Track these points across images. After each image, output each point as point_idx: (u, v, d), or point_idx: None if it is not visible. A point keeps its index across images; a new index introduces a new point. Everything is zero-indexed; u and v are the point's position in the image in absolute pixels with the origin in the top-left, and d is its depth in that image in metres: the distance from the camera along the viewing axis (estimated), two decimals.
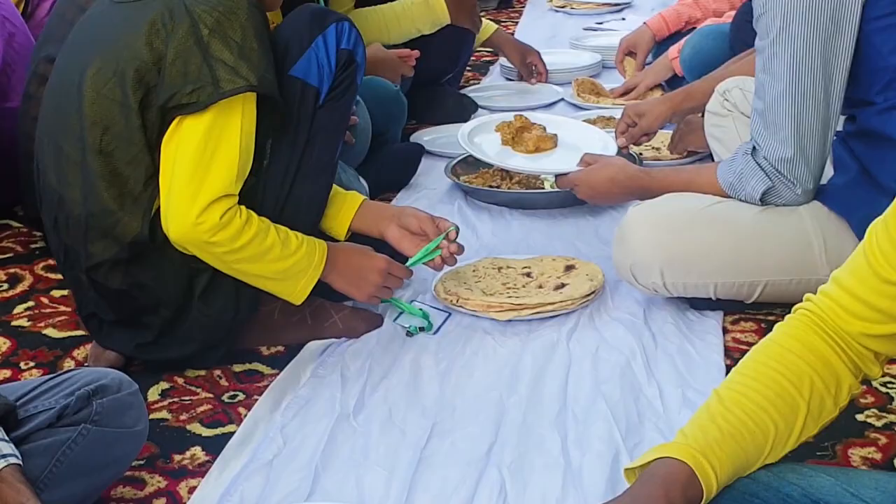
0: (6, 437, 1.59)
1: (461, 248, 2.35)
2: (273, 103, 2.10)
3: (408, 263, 2.33)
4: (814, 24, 2.13)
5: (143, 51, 2.02)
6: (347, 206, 2.37)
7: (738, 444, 1.34)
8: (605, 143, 2.83)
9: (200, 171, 2.01)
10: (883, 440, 1.89)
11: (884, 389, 2.04)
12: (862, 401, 1.99)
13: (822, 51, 2.15)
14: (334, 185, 2.34)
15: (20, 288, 2.63)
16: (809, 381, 1.38)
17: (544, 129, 2.82)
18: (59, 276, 2.60)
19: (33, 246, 2.85)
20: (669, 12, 3.90)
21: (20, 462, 1.56)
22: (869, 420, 1.95)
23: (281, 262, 2.12)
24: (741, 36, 3.30)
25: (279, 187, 2.18)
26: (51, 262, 2.70)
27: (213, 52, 1.99)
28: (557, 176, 2.69)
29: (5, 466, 1.54)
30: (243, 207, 2.07)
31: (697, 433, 1.34)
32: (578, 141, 2.82)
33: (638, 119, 2.99)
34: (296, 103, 2.18)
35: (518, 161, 2.76)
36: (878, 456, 1.85)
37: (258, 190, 2.15)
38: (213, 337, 2.19)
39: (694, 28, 3.78)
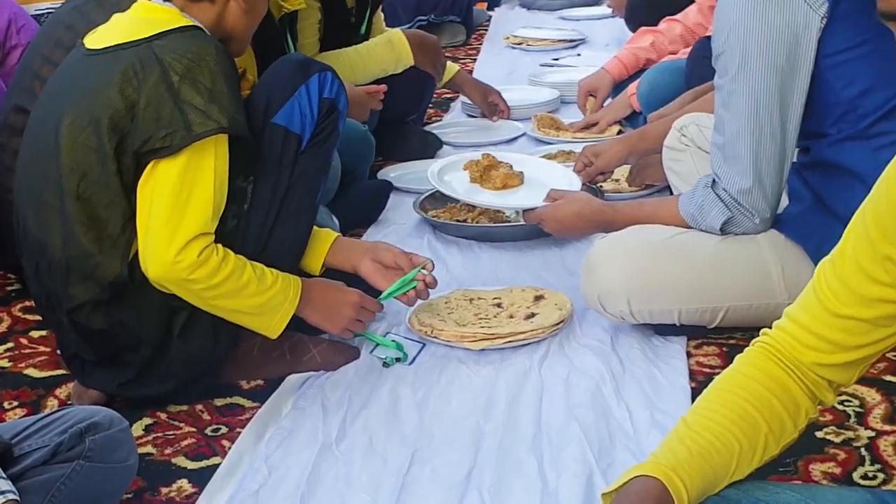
0: (3, 475, 1.63)
1: (435, 281, 2.43)
2: (247, 144, 2.18)
3: (380, 297, 2.40)
4: (771, 63, 2.24)
5: (116, 99, 2.09)
6: (321, 242, 2.44)
7: (707, 463, 1.41)
8: (569, 180, 2.92)
9: (177, 212, 2.08)
10: (842, 455, 1.98)
11: (841, 407, 2.13)
12: (821, 419, 2.08)
13: (778, 88, 2.25)
14: None
15: None
16: (770, 405, 1.45)
17: (511, 166, 2.92)
18: (37, 318, 2.66)
19: (10, 289, 2.90)
20: (626, 55, 4.00)
21: (18, 498, 1.61)
22: (828, 437, 2.04)
23: (257, 298, 2.19)
24: (697, 71, 3.43)
25: (260, 229, 2.25)
26: (27, 303, 2.75)
27: (183, 97, 2.07)
28: (525, 211, 2.78)
29: (4, 502, 1.59)
30: (220, 245, 2.14)
31: (668, 453, 1.41)
32: (544, 178, 2.91)
33: (594, 158, 3.09)
34: (278, 150, 2.25)
35: (487, 197, 2.85)
36: (837, 471, 1.94)
37: (239, 232, 2.22)
38: (192, 373, 2.25)
39: None
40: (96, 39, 2.20)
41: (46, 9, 4.07)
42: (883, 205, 1.35)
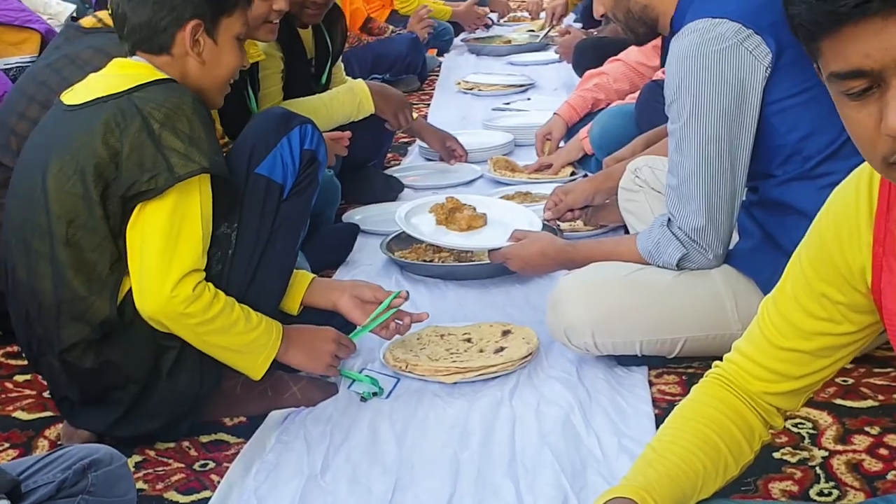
0: None
1: (410, 316, 2.55)
2: (230, 192, 2.29)
3: (352, 334, 2.52)
4: (720, 110, 2.39)
5: (100, 148, 2.19)
6: (298, 283, 2.55)
7: (675, 483, 1.52)
8: (530, 220, 3.07)
9: (170, 250, 2.18)
10: (798, 474, 2.11)
11: (795, 430, 2.26)
12: (777, 440, 2.22)
13: (728, 132, 2.41)
14: None
15: None
16: (728, 429, 1.57)
17: (474, 208, 3.05)
18: (21, 363, 2.73)
19: None
20: (575, 99, 4.17)
21: None
22: (785, 457, 2.17)
23: (245, 336, 2.29)
24: (645, 115, 3.60)
25: (243, 275, 2.35)
26: (10, 349, 2.83)
27: (164, 142, 2.18)
28: (491, 251, 2.91)
29: None
30: (210, 283, 2.24)
31: (639, 476, 1.53)
32: (506, 218, 3.06)
33: (564, 196, 3.23)
34: (261, 198, 2.37)
35: (453, 239, 2.99)
36: (794, 488, 2.07)
37: (223, 277, 2.31)
38: (179, 410, 2.34)
39: (601, 109, 4.06)
40: (75, 96, 2.30)
41: (16, 63, 4.15)
42: (816, 248, 1.48)
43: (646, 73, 4.09)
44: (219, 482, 2.18)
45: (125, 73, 2.30)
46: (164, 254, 2.18)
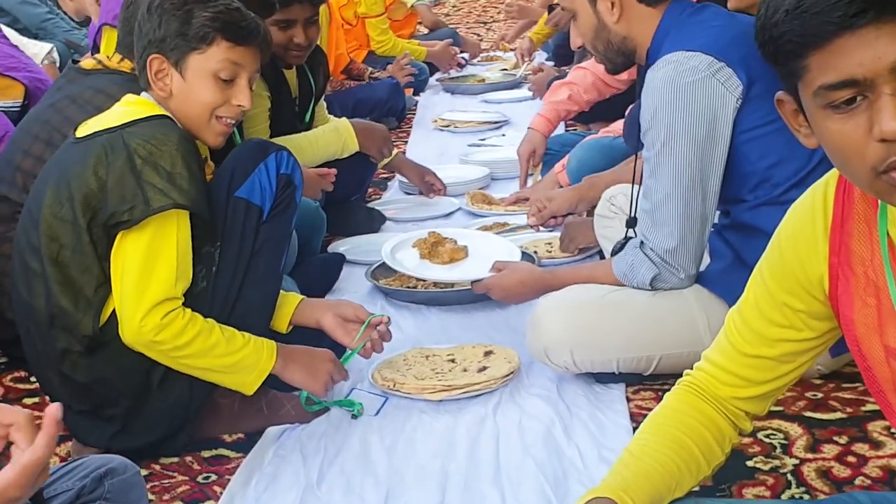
0: None
1: (390, 333, 2.68)
2: (213, 214, 2.43)
3: (342, 359, 2.65)
4: (693, 139, 2.54)
5: (91, 180, 2.33)
6: (288, 304, 2.68)
7: (651, 484, 1.63)
8: (510, 251, 3.21)
9: (143, 281, 2.32)
10: (770, 481, 2.24)
11: (768, 440, 2.40)
12: (750, 450, 2.35)
13: (700, 160, 2.55)
14: None
15: None
16: (700, 433, 1.69)
17: (455, 241, 3.20)
18: (28, 387, 2.85)
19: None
20: (548, 111, 4.25)
21: None
22: (757, 465, 2.30)
23: (228, 357, 2.42)
24: (631, 138, 3.74)
25: (227, 291, 2.48)
26: (17, 374, 2.94)
27: (145, 178, 2.31)
28: (474, 282, 3.05)
29: None
30: (188, 309, 2.37)
31: (617, 478, 1.65)
32: (486, 250, 3.20)
33: (548, 203, 3.35)
34: (241, 219, 2.50)
35: (437, 272, 3.14)
36: (767, 494, 2.19)
37: (208, 293, 2.45)
38: (173, 423, 2.46)
39: (573, 123, 4.17)
40: (83, 129, 2.44)
41: (0, 106, 4.25)
42: (776, 260, 1.61)
43: (610, 83, 4.23)
44: (221, 493, 2.30)
45: (127, 108, 2.45)
46: (139, 285, 2.32)
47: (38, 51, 5.49)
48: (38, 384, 2.67)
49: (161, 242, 2.34)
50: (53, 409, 1.46)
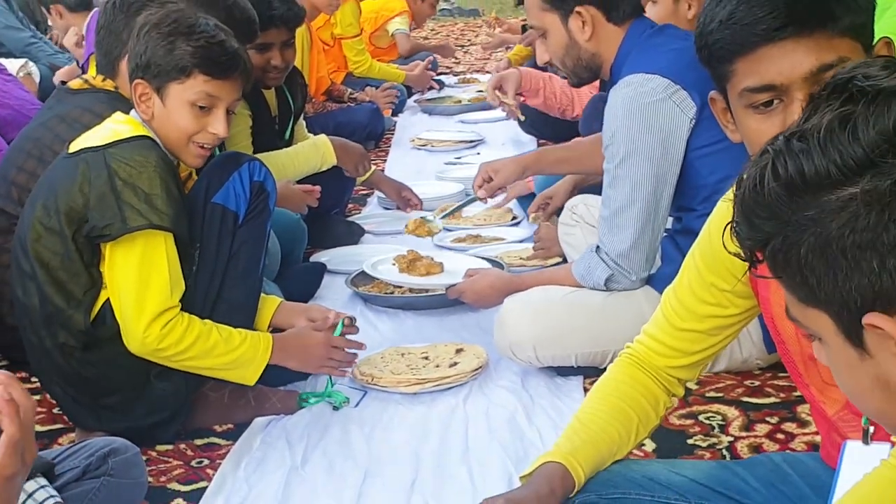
0: (50, 486, 2.07)
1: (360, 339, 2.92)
2: (192, 218, 2.66)
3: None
4: (649, 155, 2.79)
5: (76, 195, 2.57)
6: (268, 307, 2.91)
7: (595, 448, 1.86)
8: (480, 266, 3.48)
9: (141, 295, 2.55)
10: (707, 455, 2.49)
11: (707, 422, 2.65)
12: (691, 430, 2.60)
13: (654, 174, 2.80)
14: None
15: None
16: (637, 401, 1.92)
17: (432, 259, 3.46)
18: (29, 386, 3.06)
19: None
20: (530, 71, 4.53)
21: (61, 501, 2.05)
22: (697, 443, 2.55)
23: (227, 356, 2.65)
24: (587, 125, 3.99)
25: (207, 289, 2.71)
26: (19, 374, 3.15)
27: (124, 198, 2.53)
28: (448, 287, 3.30)
29: (54, 502, 2.02)
30: (185, 314, 2.60)
31: (566, 443, 1.87)
32: (459, 267, 3.45)
33: (494, 174, 3.46)
34: (217, 223, 2.74)
35: (417, 280, 3.43)
36: None
37: (188, 290, 2.66)
38: (170, 408, 2.69)
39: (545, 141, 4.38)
40: (75, 144, 2.67)
41: None
42: (706, 245, 1.85)
43: (574, 102, 4.50)
44: (213, 475, 2.53)
45: (114, 125, 2.67)
46: (137, 299, 2.55)
47: (14, 67, 5.71)
48: (38, 383, 2.90)
49: (152, 256, 2.56)
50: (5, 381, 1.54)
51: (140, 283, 2.55)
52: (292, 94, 4.25)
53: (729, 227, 1.13)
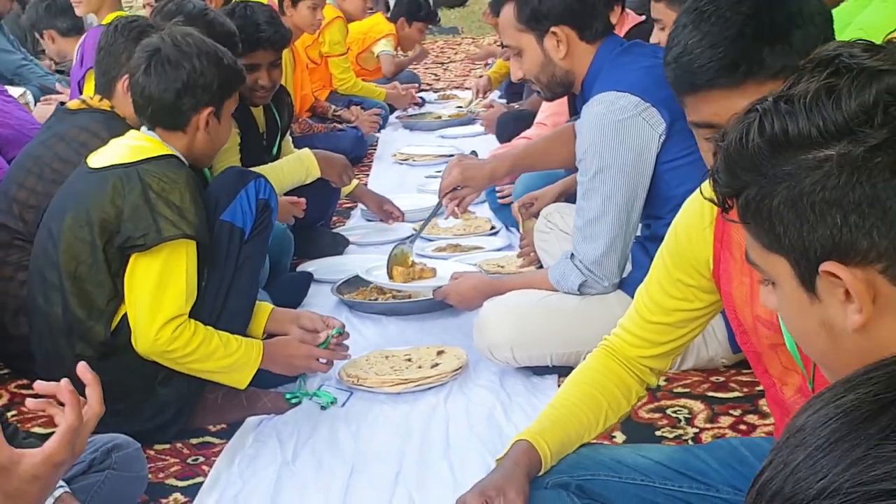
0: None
1: (346, 342, 3.07)
2: (206, 245, 2.82)
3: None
4: (621, 169, 2.95)
5: (108, 207, 2.73)
6: (262, 314, 3.07)
7: (563, 430, 2.01)
8: (466, 268, 3.66)
9: (156, 302, 2.71)
10: (674, 445, 2.64)
11: (675, 415, 2.81)
12: (659, 423, 2.76)
13: (625, 187, 2.97)
14: None
15: (0, 402, 3.22)
16: (609, 389, 2.07)
17: (425, 265, 3.62)
18: (32, 392, 3.19)
19: (2, 372, 3.43)
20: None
21: (70, 492, 2.19)
22: (664, 434, 2.71)
23: (225, 360, 2.81)
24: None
25: (214, 301, 2.87)
26: (20, 382, 3.31)
27: (157, 209, 2.70)
28: (435, 290, 3.46)
29: (64, 492, 2.16)
30: (192, 321, 2.75)
31: (536, 425, 2.02)
32: (450, 272, 3.62)
33: (462, 184, 3.47)
34: (226, 240, 2.90)
35: (411, 285, 3.61)
36: None
37: (197, 303, 2.83)
38: (173, 411, 2.84)
39: None
40: (98, 160, 2.83)
41: None
42: (673, 245, 2.01)
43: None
44: (209, 471, 2.68)
45: (139, 144, 2.84)
46: (153, 305, 2.71)
47: (14, 94, 5.85)
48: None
49: (173, 266, 2.72)
50: (66, 384, 1.74)
51: (158, 289, 2.71)
52: (279, 111, 4.41)
53: (709, 175, 1.27)
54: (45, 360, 2.88)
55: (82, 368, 1.77)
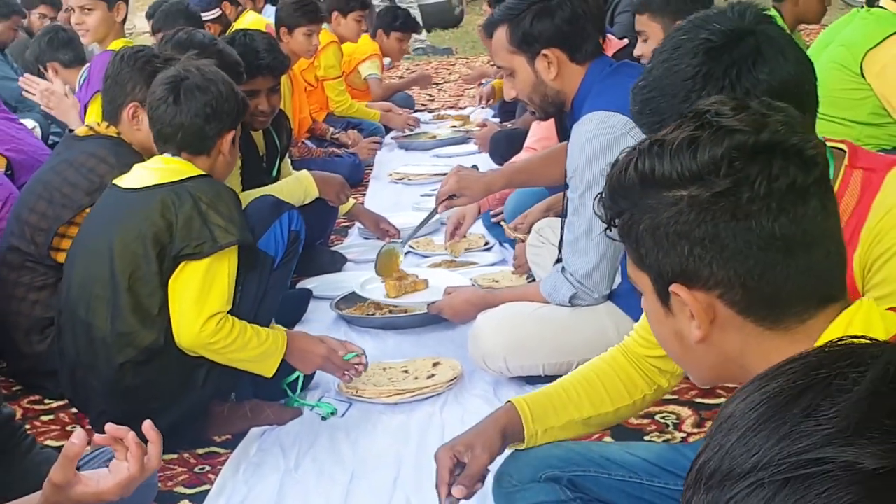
0: None
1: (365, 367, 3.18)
2: (247, 252, 2.97)
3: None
4: None
5: (158, 220, 2.87)
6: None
7: (549, 400, 2.12)
8: (460, 282, 3.77)
9: (202, 299, 2.85)
10: (662, 444, 2.76)
11: (663, 420, 2.93)
12: (648, 428, 2.88)
13: None
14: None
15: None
16: (610, 376, 2.16)
17: (417, 276, 3.74)
18: (43, 407, 3.33)
19: (15, 389, 3.54)
20: None
21: None
22: (653, 439, 2.83)
23: (258, 349, 2.95)
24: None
25: (246, 317, 2.99)
26: (32, 398, 3.42)
27: (210, 219, 2.86)
28: (429, 304, 3.57)
29: None
30: (230, 316, 2.90)
31: (527, 395, 2.15)
32: (442, 282, 3.75)
33: (459, 192, 3.61)
34: (259, 267, 3.04)
35: (405, 299, 3.73)
36: None
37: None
38: (193, 415, 2.97)
39: None
40: (130, 182, 2.99)
41: None
42: None
43: None
44: (215, 479, 2.79)
45: (172, 167, 2.98)
46: (198, 301, 2.85)
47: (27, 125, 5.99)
48: (50, 404, 3.14)
49: (217, 268, 2.87)
50: (133, 435, 1.88)
51: (204, 286, 2.86)
52: (278, 134, 4.54)
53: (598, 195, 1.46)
54: (71, 371, 3.01)
55: (147, 426, 1.92)
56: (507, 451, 2.63)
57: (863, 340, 0.81)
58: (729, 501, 0.75)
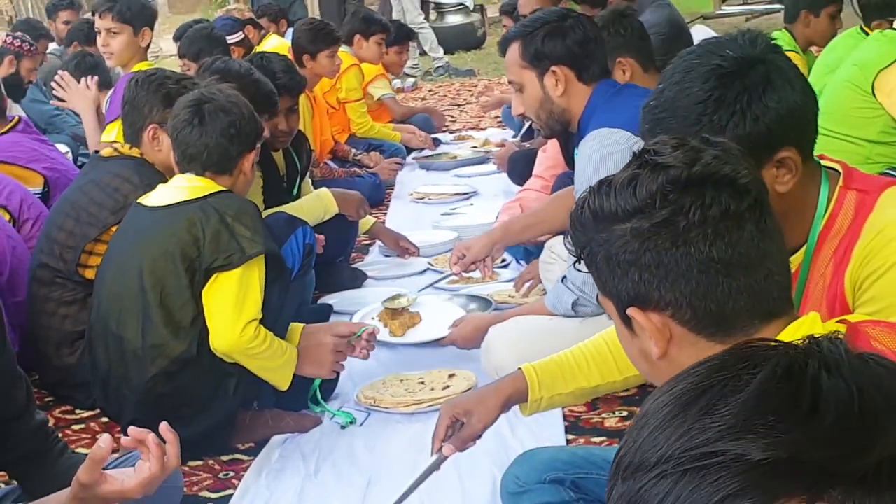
0: None
1: (374, 341, 3.33)
2: (273, 262, 3.11)
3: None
4: None
5: (185, 236, 3.02)
6: (294, 333, 3.31)
7: (557, 366, 2.28)
8: (453, 311, 3.91)
9: (238, 306, 3.00)
10: None
11: None
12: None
13: None
14: None
15: None
16: (619, 347, 2.26)
17: (408, 309, 3.87)
18: (73, 417, 3.47)
19: (47, 399, 3.69)
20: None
21: None
22: None
23: (280, 359, 3.10)
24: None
25: (268, 328, 3.12)
26: (64, 407, 3.57)
27: (237, 232, 3.01)
28: (440, 340, 3.70)
29: None
30: (260, 325, 3.04)
31: (536, 363, 2.31)
32: (437, 312, 3.88)
33: (467, 251, 3.83)
34: (280, 278, 3.18)
35: (406, 338, 3.83)
36: None
37: None
38: (222, 422, 3.12)
39: None
40: (156, 200, 3.14)
41: None
42: None
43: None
44: (238, 484, 2.93)
45: (195, 185, 3.13)
46: (235, 309, 2.99)
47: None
48: (80, 413, 3.29)
49: (249, 277, 3.02)
50: (154, 437, 2.03)
51: (239, 293, 3.00)
52: (298, 155, 4.69)
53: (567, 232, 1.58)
54: (103, 382, 3.17)
55: (164, 427, 2.06)
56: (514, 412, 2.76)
57: (766, 343, 0.90)
58: (640, 490, 0.84)
